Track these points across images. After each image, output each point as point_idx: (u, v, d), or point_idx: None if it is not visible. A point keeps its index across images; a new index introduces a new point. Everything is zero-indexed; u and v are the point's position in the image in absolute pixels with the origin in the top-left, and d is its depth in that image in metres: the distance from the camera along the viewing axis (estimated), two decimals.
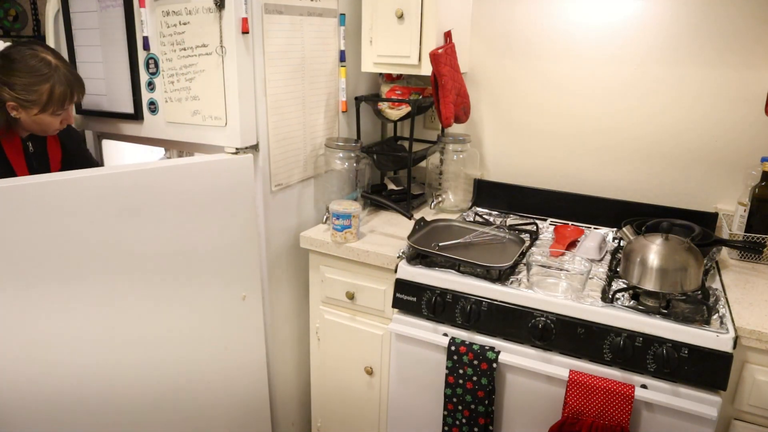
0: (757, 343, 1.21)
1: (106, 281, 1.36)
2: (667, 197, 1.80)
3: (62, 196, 1.25)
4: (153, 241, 1.88)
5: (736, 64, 1.64)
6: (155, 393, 1.57)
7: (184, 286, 1.77)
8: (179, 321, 1.96)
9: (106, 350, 1.40)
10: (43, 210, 1.23)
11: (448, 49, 1.72)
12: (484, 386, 1.38)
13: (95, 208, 1.31)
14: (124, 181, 1.37)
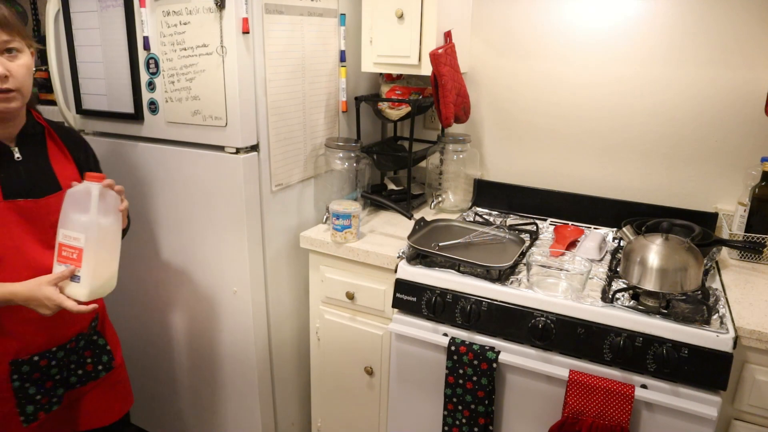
0: (757, 343, 1.21)
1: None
2: (667, 197, 1.80)
3: None
4: (153, 242, 1.88)
5: (736, 64, 1.64)
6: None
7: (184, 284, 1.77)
8: (179, 319, 1.96)
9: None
10: None
11: (448, 49, 1.72)
12: (484, 386, 1.38)
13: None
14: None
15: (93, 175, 1.17)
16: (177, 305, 1.78)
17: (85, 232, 1.14)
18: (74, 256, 1.15)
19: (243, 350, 1.73)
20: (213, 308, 1.73)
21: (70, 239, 1.15)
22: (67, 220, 1.15)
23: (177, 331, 1.85)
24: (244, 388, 1.77)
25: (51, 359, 1.29)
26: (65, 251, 1.15)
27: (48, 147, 1.30)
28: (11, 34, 1.15)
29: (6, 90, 1.14)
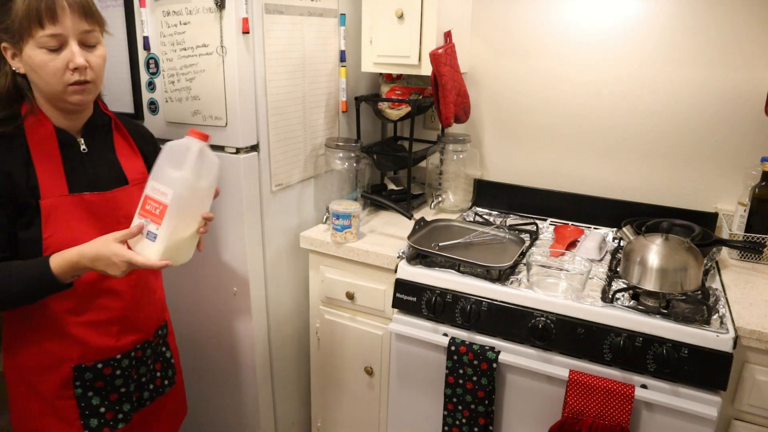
0: (757, 343, 1.21)
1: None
2: (667, 197, 1.80)
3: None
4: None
5: (736, 64, 1.64)
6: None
7: (184, 285, 1.77)
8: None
9: None
10: None
11: (448, 49, 1.72)
12: (484, 386, 1.38)
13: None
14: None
15: (196, 132, 1.08)
16: (177, 305, 1.78)
17: (174, 188, 1.05)
18: (157, 212, 1.05)
19: (243, 350, 1.73)
20: (213, 308, 1.73)
21: (158, 193, 1.06)
22: (160, 173, 1.06)
23: (177, 331, 1.85)
24: (244, 388, 1.77)
25: (115, 368, 1.21)
26: (149, 205, 1.06)
27: (114, 139, 1.24)
28: (92, 24, 1.08)
29: (84, 81, 1.08)
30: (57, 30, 1.03)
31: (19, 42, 1.04)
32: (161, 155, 1.08)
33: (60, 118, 1.13)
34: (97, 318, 1.16)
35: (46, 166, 1.10)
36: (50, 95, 1.09)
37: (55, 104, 1.11)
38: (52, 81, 1.06)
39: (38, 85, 1.08)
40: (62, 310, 1.13)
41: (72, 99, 1.09)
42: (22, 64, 1.06)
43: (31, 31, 1.02)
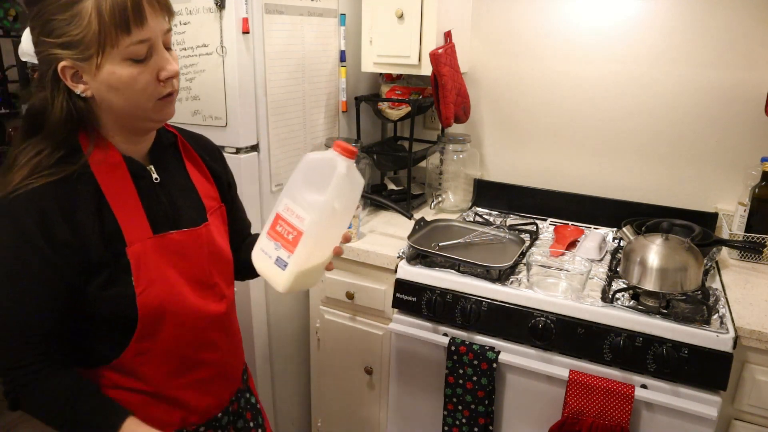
0: (757, 343, 1.21)
1: None
2: (667, 197, 1.80)
3: None
4: None
5: (736, 64, 1.64)
6: None
7: None
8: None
9: None
10: None
11: (448, 49, 1.72)
12: (484, 386, 1.38)
13: None
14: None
15: (344, 147, 0.90)
16: None
17: (312, 214, 0.90)
18: (290, 237, 0.91)
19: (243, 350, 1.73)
20: None
21: (292, 215, 0.91)
22: (297, 191, 0.91)
23: None
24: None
25: (216, 427, 1.05)
26: (281, 226, 0.92)
27: (185, 161, 1.03)
28: (170, 19, 0.88)
29: (172, 93, 0.90)
30: (145, 34, 0.82)
31: (94, 57, 0.80)
32: (300, 168, 0.93)
33: (125, 142, 0.92)
34: (198, 377, 1.00)
35: (123, 206, 0.89)
36: (131, 117, 0.88)
37: (129, 127, 0.90)
38: (141, 99, 0.85)
39: (116, 107, 0.86)
40: (162, 374, 0.95)
41: (159, 116, 0.90)
42: (95, 83, 0.83)
43: (116, 39, 0.80)
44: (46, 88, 0.84)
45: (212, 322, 1.00)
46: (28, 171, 0.83)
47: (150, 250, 0.90)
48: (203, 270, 0.98)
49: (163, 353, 0.93)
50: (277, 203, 0.94)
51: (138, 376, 0.92)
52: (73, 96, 0.84)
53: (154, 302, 0.89)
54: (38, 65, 0.85)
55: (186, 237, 0.95)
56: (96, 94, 0.84)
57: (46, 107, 0.84)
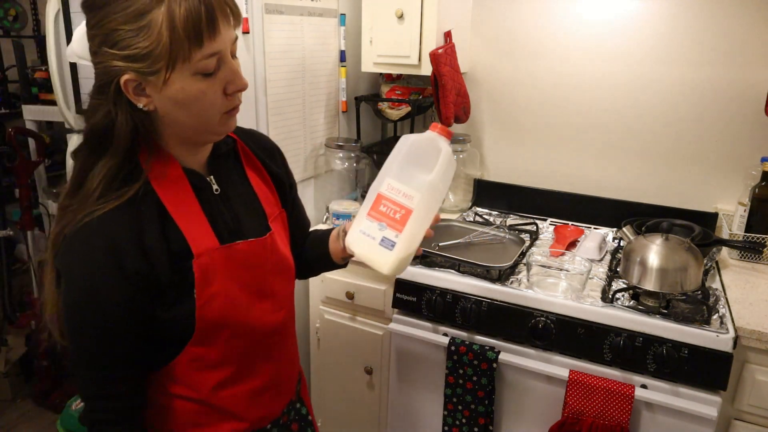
0: (757, 343, 1.21)
1: None
2: (667, 197, 1.80)
3: None
4: None
5: (736, 64, 1.64)
6: None
7: None
8: None
9: None
10: None
11: (448, 49, 1.72)
12: (484, 386, 1.38)
13: None
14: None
15: (442, 129, 0.92)
16: None
17: (422, 192, 0.90)
18: (397, 216, 0.90)
19: None
20: None
21: (399, 194, 0.90)
22: (402, 171, 0.92)
23: None
24: None
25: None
26: (385, 206, 0.90)
27: (245, 167, 0.99)
28: (236, 27, 0.83)
29: (237, 106, 0.86)
30: (216, 47, 0.77)
31: (162, 71, 0.75)
32: (400, 149, 0.93)
33: (185, 154, 0.88)
34: (251, 387, 0.96)
35: (188, 219, 0.85)
36: (195, 131, 0.84)
37: (189, 140, 0.86)
38: (209, 113, 0.81)
39: (181, 122, 0.81)
40: (214, 383, 0.91)
41: (222, 129, 0.86)
42: (160, 98, 0.78)
43: (188, 53, 0.74)
44: (107, 102, 0.78)
45: (270, 332, 0.97)
46: (98, 194, 0.79)
47: (216, 261, 0.87)
48: (265, 280, 0.95)
49: (217, 362, 0.90)
50: (377, 184, 0.93)
51: (189, 383, 0.89)
52: (135, 109, 0.79)
53: (215, 315, 0.86)
54: (96, 75, 0.80)
55: (251, 247, 0.92)
56: (159, 108, 0.79)
57: (109, 123, 0.79)
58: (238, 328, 0.91)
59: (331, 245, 1.11)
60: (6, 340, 2.52)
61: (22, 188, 2.39)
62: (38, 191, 2.54)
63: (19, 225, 2.44)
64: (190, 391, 0.90)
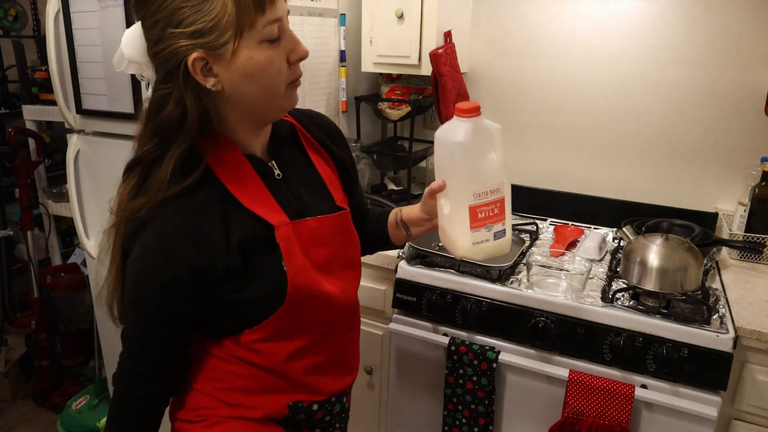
0: (757, 343, 1.21)
1: None
2: (667, 197, 1.80)
3: None
4: None
5: (736, 64, 1.64)
6: None
7: None
8: None
9: None
10: None
11: (448, 49, 1.72)
12: (484, 386, 1.38)
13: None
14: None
15: (468, 108, 0.91)
16: None
17: (502, 176, 0.92)
18: (496, 211, 0.92)
19: None
20: None
21: (488, 195, 0.91)
22: (478, 174, 0.91)
23: None
24: None
25: (327, 412, 1.01)
26: (483, 211, 0.92)
27: (307, 150, 0.99)
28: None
29: (299, 77, 0.86)
30: (277, 13, 0.78)
31: (230, 42, 0.75)
32: (456, 154, 0.92)
33: (247, 137, 0.88)
34: (317, 361, 0.96)
35: (255, 200, 0.85)
36: (261, 106, 0.84)
37: (254, 119, 0.86)
38: (277, 83, 0.82)
39: (250, 97, 0.81)
40: (285, 354, 0.92)
41: (286, 103, 0.86)
42: (228, 74, 0.78)
43: (254, 19, 0.75)
44: (176, 89, 0.77)
45: (341, 310, 0.98)
46: (166, 183, 0.80)
47: (292, 234, 0.87)
48: (335, 258, 0.95)
49: (293, 333, 0.91)
50: (457, 200, 0.94)
51: (259, 352, 0.90)
52: (203, 92, 0.79)
53: (303, 285, 0.87)
54: (159, 65, 0.79)
55: (320, 224, 0.92)
56: (227, 86, 0.79)
57: (182, 111, 0.78)
58: (320, 300, 0.92)
59: (391, 231, 1.14)
60: (6, 340, 2.52)
61: (22, 188, 2.39)
62: (38, 191, 2.54)
63: (19, 225, 2.44)
64: (260, 359, 0.91)
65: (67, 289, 2.51)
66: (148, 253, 0.81)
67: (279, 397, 0.94)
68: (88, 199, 1.92)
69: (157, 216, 0.80)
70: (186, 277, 0.81)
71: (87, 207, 1.93)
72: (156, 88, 0.80)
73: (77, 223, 1.93)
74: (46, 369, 2.44)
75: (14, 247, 2.87)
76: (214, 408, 0.93)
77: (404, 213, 1.12)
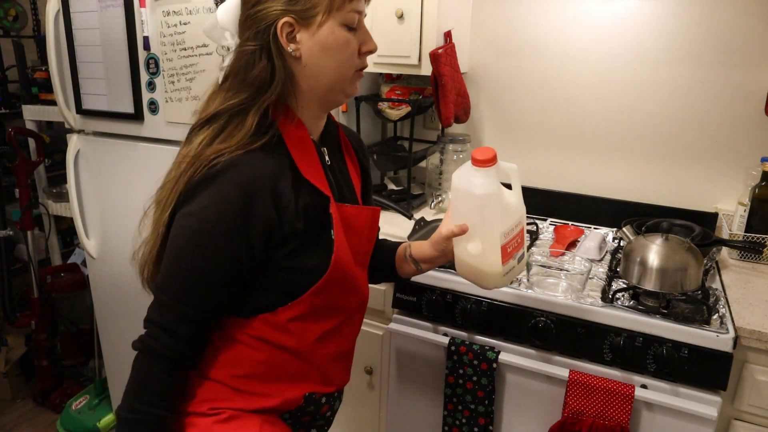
0: (757, 343, 1.21)
1: None
2: (667, 197, 1.80)
3: None
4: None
5: (736, 63, 1.64)
6: None
7: None
8: None
9: None
10: None
11: (448, 49, 1.72)
12: (484, 386, 1.38)
13: None
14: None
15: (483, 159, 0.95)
16: None
17: (521, 212, 1.02)
18: (519, 240, 1.02)
19: None
20: None
21: (513, 232, 1.00)
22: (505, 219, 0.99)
23: None
24: None
25: (330, 407, 1.05)
26: (510, 245, 1.00)
27: (344, 151, 1.07)
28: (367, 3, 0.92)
29: (364, 68, 0.94)
30: (360, 6, 0.88)
31: (319, 15, 0.84)
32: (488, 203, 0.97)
33: (310, 119, 0.95)
34: (337, 350, 1.01)
35: (313, 173, 0.91)
36: (330, 84, 0.90)
37: (322, 97, 0.92)
38: (347, 65, 0.89)
39: (323, 71, 0.88)
40: (314, 337, 0.95)
41: (350, 89, 0.93)
42: (309, 44, 0.86)
43: (342, 3, 0.85)
44: (266, 48, 0.85)
45: (361, 302, 1.04)
46: (244, 141, 0.85)
47: (337, 213, 0.93)
48: (363, 250, 1.01)
49: (323, 315, 0.94)
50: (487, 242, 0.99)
51: (292, 333, 0.92)
52: (284, 56, 0.86)
53: (345, 261, 0.93)
54: (251, 24, 0.86)
55: (357, 212, 0.98)
56: (306, 56, 0.86)
57: (270, 69, 0.85)
58: (351, 283, 0.97)
59: (399, 264, 1.16)
60: (6, 340, 2.52)
61: (22, 188, 2.39)
62: (38, 191, 2.54)
63: (19, 225, 2.44)
64: (290, 340, 0.93)
65: (67, 289, 2.51)
66: (227, 197, 0.82)
67: (297, 385, 0.97)
68: (88, 199, 1.92)
69: (241, 163, 0.83)
70: (258, 229, 0.84)
71: (87, 207, 1.94)
72: (242, 44, 0.87)
73: (77, 223, 1.93)
74: (46, 369, 2.44)
75: (14, 247, 2.88)
76: (228, 399, 0.92)
77: (414, 250, 1.13)
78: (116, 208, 1.84)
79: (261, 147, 0.85)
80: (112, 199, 1.85)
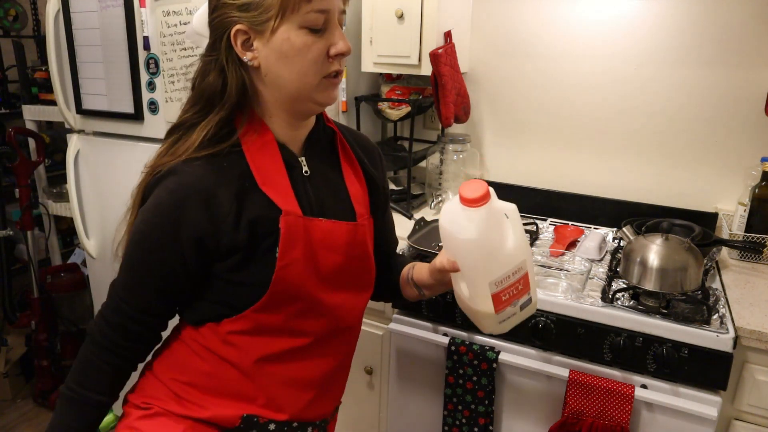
0: (757, 343, 1.21)
1: None
2: (667, 197, 1.80)
3: None
4: None
5: (736, 63, 1.64)
6: None
7: None
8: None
9: None
10: None
11: (448, 49, 1.72)
12: (484, 386, 1.38)
13: None
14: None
15: (477, 197, 0.84)
16: None
17: (524, 255, 0.88)
18: (520, 287, 0.89)
19: None
20: None
21: (510, 278, 0.87)
22: (496, 263, 0.86)
23: None
24: None
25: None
26: (506, 294, 0.89)
27: (341, 160, 0.99)
28: (346, 5, 0.88)
29: (338, 73, 0.86)
30: (325, 5, 0.81)
31: (272, 20, 0.79)
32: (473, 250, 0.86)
33: (283, 127, 0.89)
34: (297, 375, 0.93)
35: (273, 183, 0.86)
36: (294, 93, 0.85)
37: (289, 107, 0.87)
38: (310, 71, 0.83)
39: (283, 79, 0.83)
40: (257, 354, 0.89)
41: (321, 97, 0.86)
42: (266, 51, 0.81)
43: (298, 4, 0.79)
44: (219, 59, 0.83)
45: (335, 329, 0.94)
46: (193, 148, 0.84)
47: (299, 228, 0.86)
48: (343, 271, 0.93)
49: (272, 334, 0.88)
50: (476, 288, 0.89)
51: (234, 345, 0.89)
52: (242, 67, 0.84)
53: (293, 281, 0.85)
54: (212, 33, 0.85)
55: (334, 228, 0.90)
56: (264, 63, 0.83)
57: (222, 79, 0.84)
58: (311, 305, 0.89)
59: (403, 285, 1.10)
60: (6, 340, 2.52)
61: (22, 188, 2.39)
62: (38, 191, 2.55)
63: (19, 225, 2.44)
64: (233, 355, 0.89)
65: (67, 289, 2.51)
66: (159, 203, 0.83)
67: (236, 404, 0.91)
68: (88, 199, 1.92)
69: (176, 171, 0.83)
70: (186, 235, 0.82)
71: (87, 207, 1.94)
72: (204, 55, 0.87)
73: (77, 223, 1.93)
74: (46, 369, 2.44)
75: (14, 247, 2.88)
76: (162, 400, 0.92)
77: (415, 273, 1.05)
78: (116, 208, 1.85)
79: (207, 156, 0.83)
80: (112, 199, 1.85)
